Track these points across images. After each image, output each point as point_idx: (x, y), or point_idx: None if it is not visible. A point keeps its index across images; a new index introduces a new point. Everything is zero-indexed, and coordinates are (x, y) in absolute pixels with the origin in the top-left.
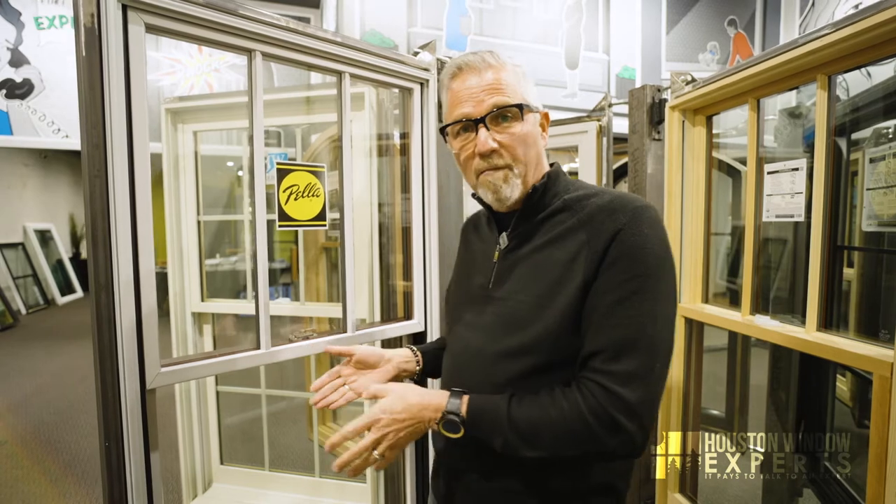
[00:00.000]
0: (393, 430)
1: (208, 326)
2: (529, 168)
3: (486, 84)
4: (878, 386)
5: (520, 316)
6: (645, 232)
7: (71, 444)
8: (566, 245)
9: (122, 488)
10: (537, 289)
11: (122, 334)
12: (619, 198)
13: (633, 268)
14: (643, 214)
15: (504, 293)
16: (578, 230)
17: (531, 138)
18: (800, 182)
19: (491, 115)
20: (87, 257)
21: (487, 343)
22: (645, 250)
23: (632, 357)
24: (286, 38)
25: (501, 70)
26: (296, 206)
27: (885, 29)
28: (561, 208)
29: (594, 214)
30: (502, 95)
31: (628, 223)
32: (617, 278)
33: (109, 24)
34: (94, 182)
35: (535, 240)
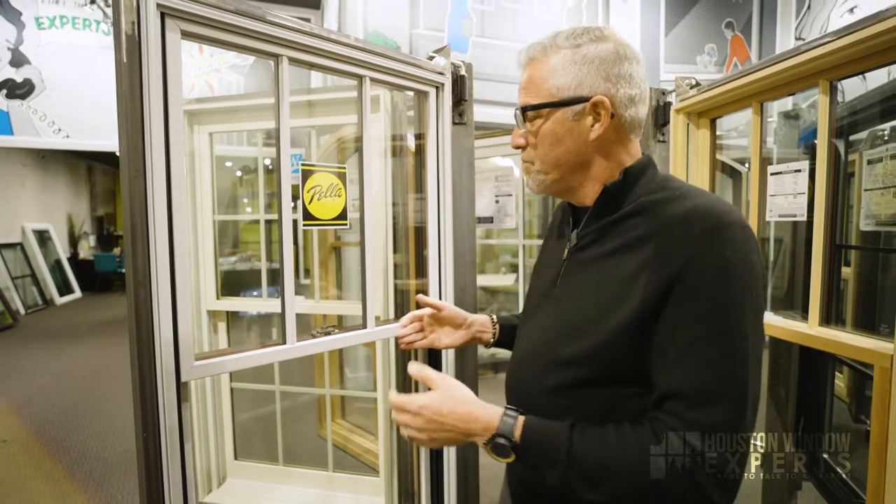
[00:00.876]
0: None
1: (223, 324)
2: (559, 168)
3: (522, 82)
4: (879, 377)
5: (577, 325)
6: (727, 255)
7: (77, 443)
8: (633, 256)
9: (158, 477)
10: (598, 299)
11: (159, 329)
12: (698, 209)
13: (716, 300)
14: (724, 233)
15: (566, 296)
16: (649, 241)
17: (553, 137)
18: (802, 183)
19: (517, 115)
20: (125, 255)
21: (545, 346)
22: (728, 278)
23: (720, 406)
24: (311, 44)
25: (536, 64)
26: (319, 205)
27: (886, 38)
28: (635, 212)
29: (668, 225)
30: (526, 96)
31: (705, 244)
32: (696, 310)
33: (150, 31)
34: (133, 183)
35: (604, 244)
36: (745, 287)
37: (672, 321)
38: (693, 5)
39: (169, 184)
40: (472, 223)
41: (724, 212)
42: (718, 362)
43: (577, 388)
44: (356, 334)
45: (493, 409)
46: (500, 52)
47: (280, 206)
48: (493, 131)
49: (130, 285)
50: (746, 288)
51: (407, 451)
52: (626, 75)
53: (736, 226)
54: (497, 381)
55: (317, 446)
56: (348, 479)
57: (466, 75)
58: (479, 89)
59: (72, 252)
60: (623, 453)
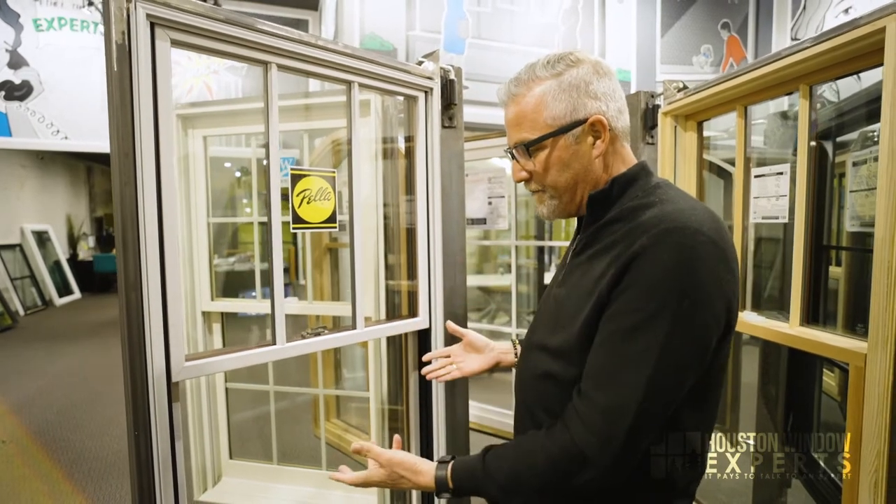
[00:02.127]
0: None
1: (217, 325)
2: (572, 189)
3: (509, 119)
4: (854, 375)
5: (559, 320)
6: (663, 258)
7: (76, 443)
8: (605, 258)
9: (150, 473)
10: (576, 298)
11: (150, 330)
12: (664, 213)
13: (641, 298)
14: (669, 238)
15: (561, 295)
16: (619, 243)
17: (562, 161)
18: (784, 185)
19: (515, 152)
20: (117, 258)
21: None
22: (661, 280)
23: (615, 389)
24: (299, 51)
25: (521, 100)
26: (308, 209)
27: (861, 44)
28: (617, 218)
29: (634, 229)
30: (520, 132)
31: (649, 246)
32: (622, 305)
33: (139, 40)
34: (124, 189)
35: (592, 247)
36: (677, 293)
37: (608, 313)
38: (689, 6)
39: (159, 189)
40: (462, 225)
41: (687, 218)
42: (628, 353)
43: (542, 379)
44: (346, 335)
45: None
46: (496, 54)
47: (269, 210)
48: (489, 133)
49: (122, 288)
50: (682, 296)
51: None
52: (609, 91)
53: (693, 232)
54: (493, 382)
55: (312, 446)
56: None
57: (456, 79)
58: (475, 90)
59: (71, 253)
60: (526, 455)
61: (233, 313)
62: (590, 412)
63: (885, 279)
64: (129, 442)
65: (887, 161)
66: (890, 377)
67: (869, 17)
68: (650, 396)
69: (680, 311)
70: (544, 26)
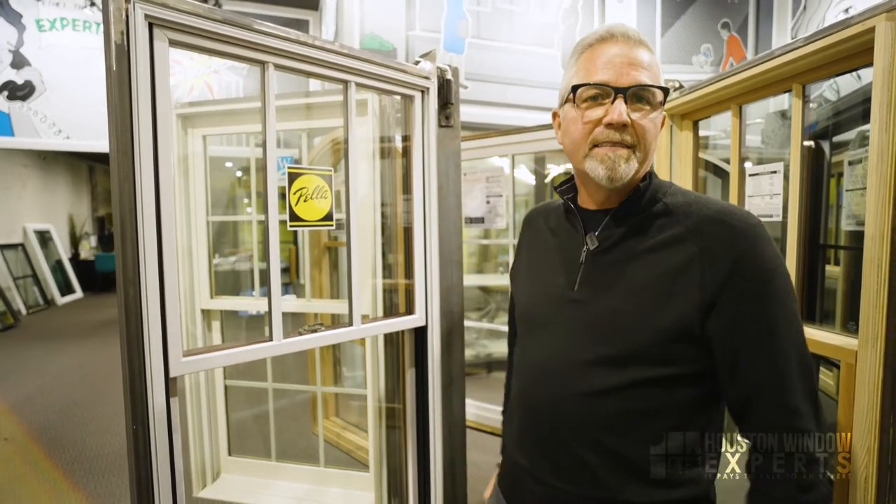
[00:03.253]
0: None
1: (216, 323)
2: (648, 158)
3: (634, 58)
4: (845, 372)
5: (619, 323)
6: (770, 253)
7: (77, 441)
8: (674, 255)
9: (148, 468)
10: (640, 297)
11: (148, 326)
12: (728, 211)
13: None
14: (760, 233)
15: (598, 298)
16: (686, 240)
17: (656, 128)
18: (777, 184)
19: (633, 89)
20: (116, 255)
21: (575, 350)
22: (779, 274)
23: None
24: (296, 51)
25: (649, 55)
26: (305, 207)
27: (852, 43)
28: (662, 212)
29: (703, 226)
30: (648, 75)
31: (750, 243)
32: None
33: (138, 40)
34: (122, 186)
35: (633, 244)
36: (790, 281)
37: (742, 324)
38: (689, 5)
39: (157, 186)
40: (459, 224)
41: (749, 214)
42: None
43: (623, 389)
44: (342, 332)
45: None
46: (496, 53)
47: (266, 208)
48: (487, 132)
49: (121, 284)
50: (790, 282)
51: (396, 448)
52: None
53: (763, 226)
54: (491, 380)
55: (311, 443)
56: (339, 474)
57: (452, 79)
58: (475, 90)
59: (73, 252)
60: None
61: (233, 312)
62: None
63: (876, 277)
64: (127, 436)
65: (877, 160)
66: (880, 374)
67: (860, 16)
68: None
69: (794, 294)
70: (544, 26)
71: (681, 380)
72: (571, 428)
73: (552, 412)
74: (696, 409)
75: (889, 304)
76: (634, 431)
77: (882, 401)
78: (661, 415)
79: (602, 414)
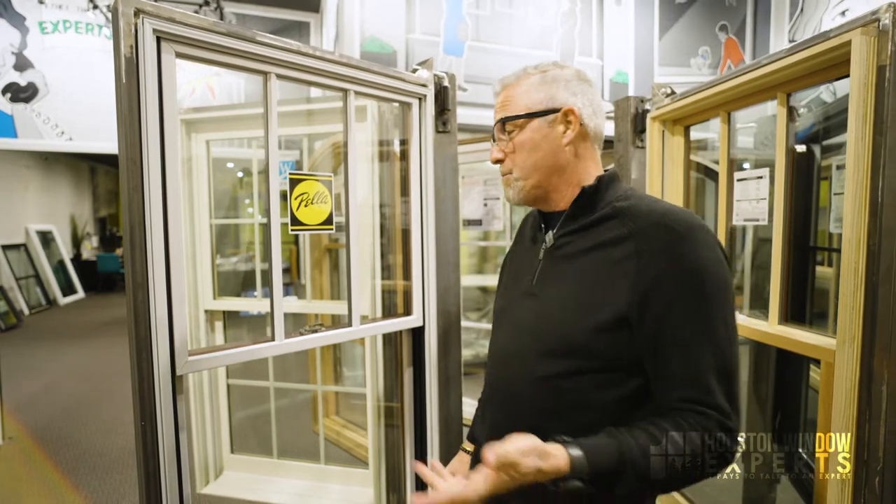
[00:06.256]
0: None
1: (219, 323)
2: (538, 172)
3: (497, 105)
4: (825, 372)
5: (562, 317)
6: (706, 255)
7: (81, 440)
8: (613, 253)
9: (155, 463)
10: (581, 292)
11: (155, 327)
12: (672, 213)
13: (699, 295)
14: (701, 235)
15: (547, 292)
16: (627, 240)
17: (532, 144)
18: (764, 188)
19: (495, 130)
20: (125, 259)
21: (529, 341)
22: (710, 275)
23: (726, 385)
24: (297, 61)
25: (509, 90)
26: (306, 211)
27: (831, 55)
28: (610, 215)
29: (645, 227)
30: (504, 111)
31: (687, 246)
32: (687, 306)
33: (146, 53)
34: (132, 194)
35: (581, 243)
36: (723, 283)
37: (664, 316)
38: (687, 8)
39: (164, 193)
40: (456, 226)
41: (693, 217)
42: (717, 348)
43: (563, 377)
44: (342, 332)
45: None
46: (495, 56)
47: (269, 213)
48: (487, 135)
49: (130, 287)
50: (723, 283)
51: (395, 445)
52: (586, 91)
53: (706, 229)
54: None
55: (312, 441)
56: (339, 471)
57: (449, 86)
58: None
59: (75, 253)
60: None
61: (235, 312)
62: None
63: (852, 280)
64: (136, 432)
65: (853, 167)
66: (857, 373)
67: (837, 30)
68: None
69: (728, 296)
70: (542, 29)
71: (616, 372)
72: (520, 413)
73: (507, 398)
74: (634, 403)
75: (865, 305)
76: (573, 419)
77: (859, 398)
78: (598, 405)
79: (544, 400)
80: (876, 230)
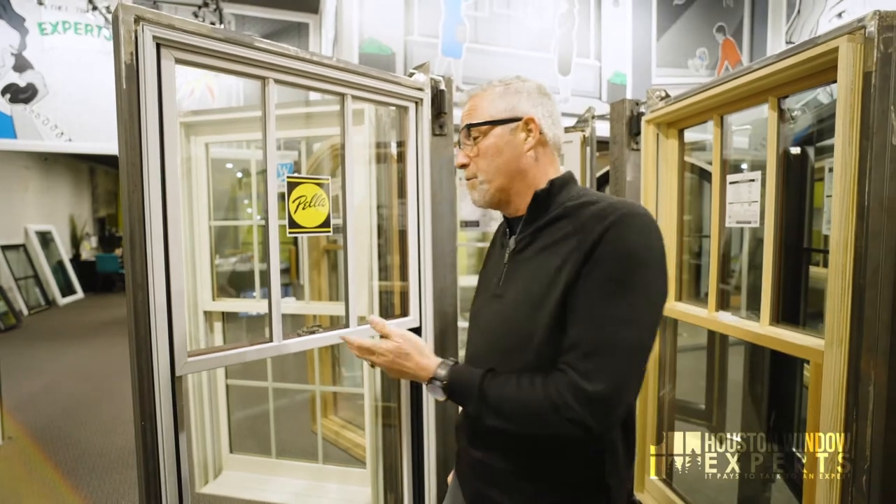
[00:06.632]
0: (389, 368)
1: (218, 324)
2: (501, 176)
3: (463, 114)
4: (814, 372)
5: (517, 316)
6: (629, 237)
7: (81, 439)
8: (560, 250)
9: (155, 462)
10: (533, 291)
11: (155, 328)
12: (613, 204)
13: (614, 270)
14: (631, 220)
15: (508, 294)
16: (572, 236)
17: (495, 149)
18: (755, 191)
19: (461, 136)
20: (125, 261)
21: (493, 339)
22: (628, 254)
23: (600, 356)
24: (295, 66)
25: (475, 100)
26: (304, 214)
27: (819, 61)
28: (561, 215)
29: (587, 221)
30: (469, 119)
31: (612, 227)
32: (597, 279)
33: (146, 60)
34: (132, 196)
35: (536, 244)
36: (644, 266)
37: (580, 288)
38: (684, 10)
39: (164, 196)
40: (453, 228)
41: (634, 206)
42: (608, 320)
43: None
44: (339, 333)
45: (435, 359)
46: (493, 58)
47: (267, 217)
48: None
49: (130, 288)
50: (645, 266)
51: (392, 445)
52: (546, 104)
53: (641, 216)
54: None
55: (310, 441)
56: (337, 470)
57: (446, 89)
58: None
59: (74, 253)
60: (519, 388)
61: (233, 313)
62: (579, 375)
63: (840, 282)
64: (135, 432)
65: (841, 171)
66: (844, 373)
67: (825, 36)
68: (634, 353)
69: (647, 279)
70: (541, 30)
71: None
72: None
73: None
74: None
75: (852, 308)
76: None
77: (846, 398)
78: None
79: None
80: (863, 233)
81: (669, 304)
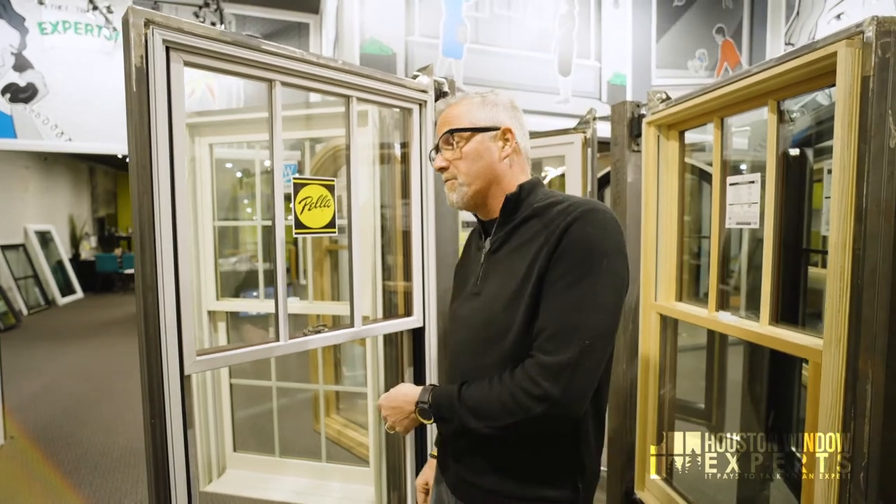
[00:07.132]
0: (395, 419)
1: (222, 324)
2: (480, 179)
3: (441, 120)
4: (813, 372)
5: (493, 312)
6: (589, 230)
7: (82, 439)
8: (531, 247)
9: (165, 459)
10: (509, 287)
11: (165, 328)
12: (577, 202)
13: (575, 260)
14: (591, 215)
15: (486, 291)
16: (541, 234)
17: (476, 154)
18: (755, 193)
19: (441, 141)
20: (135, 262)
21: (473, 334)
22: (588, 244)
23: (561, 335)
24: (301, 69)
25: (453, 108)
26: (310, 215)
27: (818, 66)
28: (531, 215)
29: (553, 218)
30: (451, 125)
31: (575, 222)
32: (561, 270)
33: (156, 63)
34: (142, 198)
35: (510, 244)
36: (603, 254)
37: (547, 279)
38: (684, 11)
39: (173, 198)
40: (456, 229)
41: (595, 203)
42: (570, 305)
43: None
44: (344, 332)
45: (418, 388)
46: (494, 59)
47: (273, 218)
48: None
49: (139, 289)
50: (604, 255)
51: (395, 444)
52: (518, 117)
53: (601, 211)
54: None
55: (313, 440)
56: (341, 469)
57: (449, 91)
58: None
59: (73, 253)
60: (492, 387)
61: (235, 312)
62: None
63: (838, 283)
64: (145, 430)
65: (839, 174)
66: (843, 372)
67: (823, 41)
68: (595, 332)
69: (607, 268)
70: (541, 31)
71: None
72: None
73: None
74: None
75: (850, 308)
76: None
77: (844, 397)
78: None
79: None
80: (861, 235)
81: (669, 304)
